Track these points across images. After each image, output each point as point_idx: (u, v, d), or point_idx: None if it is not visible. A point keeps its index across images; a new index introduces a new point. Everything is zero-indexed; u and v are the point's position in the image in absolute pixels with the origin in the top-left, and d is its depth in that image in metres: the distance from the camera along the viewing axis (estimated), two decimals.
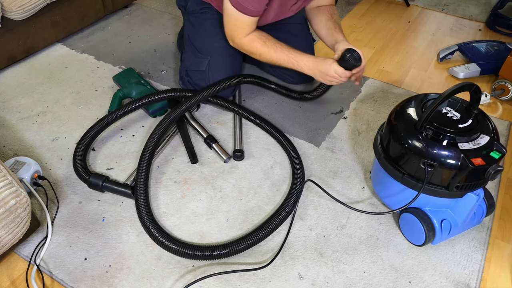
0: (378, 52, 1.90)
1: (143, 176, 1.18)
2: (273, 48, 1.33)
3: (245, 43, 1.35)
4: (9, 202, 0.90)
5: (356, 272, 1.05)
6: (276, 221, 1.11)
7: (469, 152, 0.94)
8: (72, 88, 1.62)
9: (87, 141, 1.30)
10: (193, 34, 1.50)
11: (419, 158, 0.98)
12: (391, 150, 1.06)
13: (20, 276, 1.03)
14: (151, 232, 1.08)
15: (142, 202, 1.13)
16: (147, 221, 1.09)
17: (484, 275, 1.06)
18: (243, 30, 1.32)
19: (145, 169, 1.20)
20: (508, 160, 1.36)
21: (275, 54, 1.33)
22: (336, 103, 1.58)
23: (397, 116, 1.06)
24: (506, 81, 1.58)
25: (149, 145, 1.26)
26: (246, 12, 1.26)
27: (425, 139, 0.98)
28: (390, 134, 1.05)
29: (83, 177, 1.22)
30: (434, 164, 0.96)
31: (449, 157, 0.95)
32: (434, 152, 0.96)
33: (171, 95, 1.45)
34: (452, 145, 0.96)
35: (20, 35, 1.65)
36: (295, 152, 1.31)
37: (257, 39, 1.34)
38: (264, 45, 1.33)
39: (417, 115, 1.03)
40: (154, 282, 1.02)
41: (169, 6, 2.21)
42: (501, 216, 1.20)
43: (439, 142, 0.97)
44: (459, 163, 0.94)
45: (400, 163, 1.03)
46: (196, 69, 1.48)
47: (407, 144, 1.00)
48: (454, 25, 2.13)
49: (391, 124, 1.06)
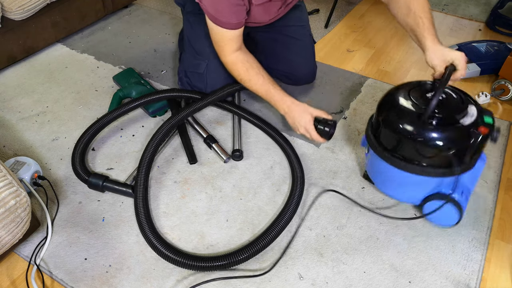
0: (378, 52, 1.90)
1: (143, 177, 1.18)
2: (255, 79, 1.28)
3: (228, 62, 1.31)
4: (9, 202, 0.90)
5: (356, 272, 1.05)
6: (274, 233, 1.09)
7: (472, 125, 0.98)
8: (72, 88, 1.62)
9: (85, 142, 1.30)
10: (192, 35, 1.49)
11: (436, 147, 0.99)
12: (405, 150, 1.03)
13: (20, 276, 1.03)
14: (149, 240, 1.07)
15: (143, 214, 1.11)
16: (147, 231, 1.08)
17: (484, 275, 1.06)
18: (226, 45, 1.27)
19: (145, 171, 1.20)
20: (508, 160, 1.36)
21: (255, 86, 1.29)
22: (336, 103, 1.58)
23: (396, 114, 1.04)
24: (506, 81, 1.58)
25: (150, 148, 1.25)
26: (222, 25, 1.21)
27: (437, 128, 0.98)
28: (398, 135, 1.03)
29: (82, 178, 1.22)
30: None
31: (462, 136, 0.98)
32: (449, 136, 0.98)
33: (169, 95, 1.44)
34: (459, 124, 0.98)
35: (20, 35, 1.66)
36: (293, 153, 1.30)
37: (240, 63, 1.29)
38: (246, 72, 1.28)
39: (413, 107, 1.02)
40: (154, 282, 1.02)
41: (169, 6, 2.21)
42: (501, 216, 1.20)
43: (449, 125, 0.98)
44: (472, 137, 0.98)
45: (418, 159, 1.02)
46: (194, 71, 1.47)
47: (424, 139, 0.99)
48: (454, 25, 2.13)
49: (392, 125, 1.04)
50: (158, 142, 1.27)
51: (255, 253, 1.05)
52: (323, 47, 1.89)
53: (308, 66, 1.59)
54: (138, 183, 1.17)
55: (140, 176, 1.18)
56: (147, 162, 1.22)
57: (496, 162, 1.35)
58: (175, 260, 1.02)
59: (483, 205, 1.22)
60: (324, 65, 1.77)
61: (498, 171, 1.32)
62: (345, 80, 1.70)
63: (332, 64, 1.79)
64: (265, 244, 1.06)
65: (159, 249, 1.04)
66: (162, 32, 1.99)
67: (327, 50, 1.87)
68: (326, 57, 1.84)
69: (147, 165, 1.21)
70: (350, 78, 1.71)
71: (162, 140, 1.30)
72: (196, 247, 1.10)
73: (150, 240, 1.06)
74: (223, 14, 1.19)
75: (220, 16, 1.20)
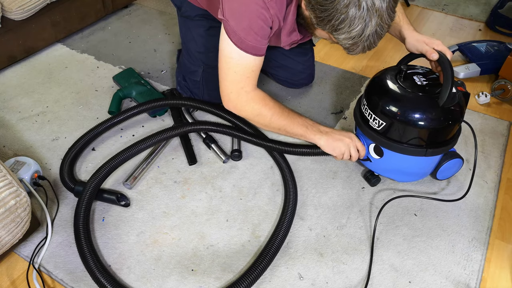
0: (378, 52, 1.90)
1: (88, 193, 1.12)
2: (287, 111, 1.15)
3: (254, 99, 1.10)
4: (9, 202, 0.90)
5: (356, 272, 1.05)
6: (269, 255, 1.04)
7: (457, 91, 1.09)
8: (72, 88, 1.62)
9: (73, 155, 1.28)
10: (189, 40, 1.42)
11: (450, 119, 1.07)
12: (423, 136, 1.09)
13: (20, 276, 1.03)
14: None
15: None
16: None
17: (484, 275, 1.06)
18: (248, 78, 1.07)
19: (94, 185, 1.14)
20: (508, 160, 1.36)
21: (291, 121, 1.14)
22: (336, 103, 1.58)
23: (412, 106, 1.07)
24: (506, 81, 1.58)
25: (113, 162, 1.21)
26: (250, 50, 1.03)
27: (456, 105, 1.08)
28: (412, 125, 1.07)
29: (69, 187, 1.20)
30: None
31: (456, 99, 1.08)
32: (458, 108, 1.08)
33: (165, 102, 1.43)
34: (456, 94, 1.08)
35: (20, 35, 1.65)
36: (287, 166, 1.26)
37: (268, 97, 1.12)
38: (276, 106, 1.12)
39: (428, 92, 1.08)
40: (154, 282, 1.02)
41: (169, 6, 2.21)
42: (501, 216, 1.20)
43: (454, 98, 1.07)
44: (457, 98, 1.08)
45: (426, 140, 1.09)
46: (191, 77, 1.44)
47: (451, 119, 1.08)
48: (454, 25, 2.13)
49: (409, 117, 1.06)
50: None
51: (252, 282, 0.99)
52: (323, 47, 1.89)
53: (307, 71, 1.59)
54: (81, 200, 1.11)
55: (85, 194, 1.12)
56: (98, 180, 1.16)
57: (496, 162, 1.35)
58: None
59: (483, 205, 1.22)
60: (324, 65, 1.77)
61: (498, 171, 1.32)
62: (345, 80, 1.70)
63: (332, 64, 1.79)
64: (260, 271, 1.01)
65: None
66: (162, 32, 1.99)
67: (327, 50, 1.87)
68: (326, 57, 1.84)
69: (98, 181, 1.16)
70: (350, 78, 1.71)
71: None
72: (196, 247, 1.10)
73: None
74: (254, 36, 1.01)
75: (250, 39, 1.01)
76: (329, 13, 0.87)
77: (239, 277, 1.00)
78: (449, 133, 1.11)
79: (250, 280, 0.98)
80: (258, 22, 1.00)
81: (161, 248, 1.09)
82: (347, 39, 0.90)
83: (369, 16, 0.85)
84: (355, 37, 0.89)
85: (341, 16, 0.86)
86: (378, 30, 0.88)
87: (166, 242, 1.11)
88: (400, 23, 1.18)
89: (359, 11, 0.85)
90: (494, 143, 1.42)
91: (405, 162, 1.15)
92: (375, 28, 0.87)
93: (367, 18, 0.85)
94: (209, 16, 1.35)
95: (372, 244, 1.10)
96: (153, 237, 1.12)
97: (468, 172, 1.31)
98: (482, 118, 1.53)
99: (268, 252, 1.03)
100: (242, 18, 1.00)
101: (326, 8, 0.87)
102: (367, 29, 0.87)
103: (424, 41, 1.11)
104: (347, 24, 0.87)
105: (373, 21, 0.86)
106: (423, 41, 1.11)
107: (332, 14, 0.87)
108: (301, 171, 1.31)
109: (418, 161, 1.14)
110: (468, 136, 1.41)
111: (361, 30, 0.87)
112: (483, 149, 1.40)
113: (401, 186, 1.27)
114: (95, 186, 1.14)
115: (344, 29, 0.88)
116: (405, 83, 1.10)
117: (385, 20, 0.88)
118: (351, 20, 0.86)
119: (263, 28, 1.01)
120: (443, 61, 1.05)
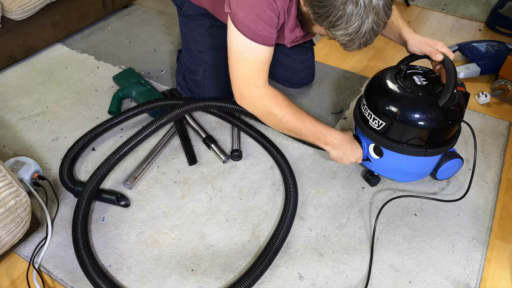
0: (378, 52, 1.90)
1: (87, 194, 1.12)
2: (300, 111, 1.12)
3: (265, 96, 1.08)
4: (9, 202, 0.90)
5: (356, 272, 1.05)
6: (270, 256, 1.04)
7: (457, 91, 1.09)
8: (72, 88, 1.62)
9: (73, 156, 1.28)
10: (190, 39, 1.43)
11: (452, 119, 1.08)
12: (423, 136, 1.09)
13: (20, 276, 1.03)
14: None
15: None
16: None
17: (484, 275, 1.06)
18: (260, 71, 1.05)
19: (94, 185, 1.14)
20: (508, 160, 1.36)
21: (301, 119, 1.11)
22: (336, 103, 1.58)
23: (417, 107, 1.07)
24: (506, 81, 1.58)
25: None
26: (261, 40, 1.01)
27: (456, 105, 1.07)
28: (414, 126, 1.07)
29: (69, 187, 1.20)
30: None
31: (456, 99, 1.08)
32: (458, 108, 1.09)
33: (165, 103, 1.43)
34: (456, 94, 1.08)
35: (20, 35, 1.65)
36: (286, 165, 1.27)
37: (280, 95, 1.09)
38: (290, 105, 1.09)
39: (428, 92, 1.08)
40: (154, 282, 1.02)
41: (169, 6, 2.21)
42: (501, 216, 1.20)
43: (455, 97, 1.07)
44: (457, 98, 1.08)
45: (426, 140, 1.09)
46: (191, 77, 1.44)
47: (451, 119, 1.08)
48: (454, 25, 2.13)
49: (409, 117, 1.06)
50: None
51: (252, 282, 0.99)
52: (323, 47, 1.89)
53: (307, 70, 1.59)
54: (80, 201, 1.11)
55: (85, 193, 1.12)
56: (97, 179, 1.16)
57: (496, 162, 1.35)
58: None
59: (483, 205, 1.22)
60: (324, 65, 1.77)
61: (498, 171, 1.32)
62: (345, 80, 1.70)
63: (332, 64, 1.79)
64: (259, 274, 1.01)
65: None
66: (162, 32, 1.99)
67: (327, 50, 1.87)
68: (326, 57, 1.84)
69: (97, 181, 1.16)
70: (350, 78, 1.71)
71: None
72: (196, 247, 1.10)
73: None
74: (263, 25, 1.00)
75: (260, 29, 1.00)
76: (327, 9, 0.89)
77: (239, 277, 1.00)
78: (448, 133, 1.11)
79: (250, 280, 0.98)
80: (266, 11, 1.00)
81: (161, 248, 1.09)
82: (344, 36, 0.92)
83: (366, 13, 0.86)
84: (352, 34, 0.90)
85: (339, 12, 0.87)
86: (374, 27, 0.90)
87: (166, 242, 1.11)
88: (400, 26, 1.18)
89: (356, 8, 0.86)
90: (494, 143, 1.42)
91: (405, 162, 1.15)
92: (371, 25, 0.89)
93: (364, 15, 0.87)
94: (210, 15, 1.36)
95: (372, 244, 1.11)
96: (153, 237, 1.12)
97: (468, 172, 1.31)
98: (482, 118, 1.53)
99: (269, 253, 1.04)
100: (251, 9, 1.00)
101: (324, 4, 0.89)
102: (364, 26, 0.88)
103: (427, 42, 1.12)
104: (344, 20, 0.88)
105: (370, 18, 0.87)
106: (426, 43, 1.12)
107: (330, 11, 0.88)
108: (301, 171, 1.31)
109: (417, 161, 1.14)
110: (468, 136, 1.41)
111: (358, 27, 0.88)
112: (483, 149, 1.40)
113: (401, 186, 1.27)
114: (93, 187, 1.14)
115: (341, 25, 0.89)
116: (405, 83, 1.10)
117: (382, 17, 0.89)
118: (348, 17, 0.87)
119: (271, 18, 1.01)
120: (447, 62, 1.06)
